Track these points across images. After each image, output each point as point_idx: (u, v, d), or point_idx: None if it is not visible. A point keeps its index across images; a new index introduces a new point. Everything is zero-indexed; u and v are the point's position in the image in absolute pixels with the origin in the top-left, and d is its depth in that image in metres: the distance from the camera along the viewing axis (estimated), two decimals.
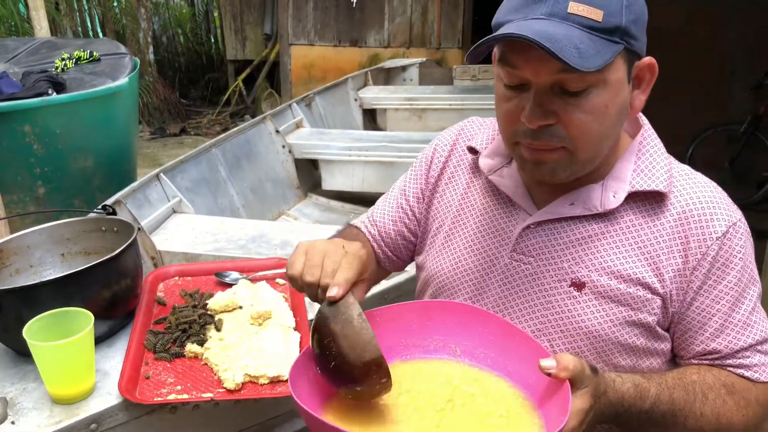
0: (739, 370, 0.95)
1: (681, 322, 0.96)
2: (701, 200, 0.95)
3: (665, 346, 0.98)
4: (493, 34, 0.85)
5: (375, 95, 4.65)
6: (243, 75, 8.01)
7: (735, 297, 0.94)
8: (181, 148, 6.45)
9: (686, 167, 1.02)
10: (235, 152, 3.32)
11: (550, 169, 0.91)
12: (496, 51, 0.91)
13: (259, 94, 7.77)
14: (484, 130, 1.12)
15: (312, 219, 3.50)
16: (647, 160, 0.97)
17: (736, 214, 0.96)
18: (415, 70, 5.41)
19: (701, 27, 5.33)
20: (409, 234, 1.18)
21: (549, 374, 0.80)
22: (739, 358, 0.95)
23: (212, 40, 9.63)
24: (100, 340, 1.19)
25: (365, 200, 3.60)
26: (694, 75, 5.29)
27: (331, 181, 3.58)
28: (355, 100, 4.64)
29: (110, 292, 1.18)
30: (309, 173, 3.78)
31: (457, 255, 1.07)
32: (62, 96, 2.79)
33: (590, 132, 0.87)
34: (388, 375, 0.81)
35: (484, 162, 1.06)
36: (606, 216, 0.96)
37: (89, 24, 7.77)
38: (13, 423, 1.00)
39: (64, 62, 3.18)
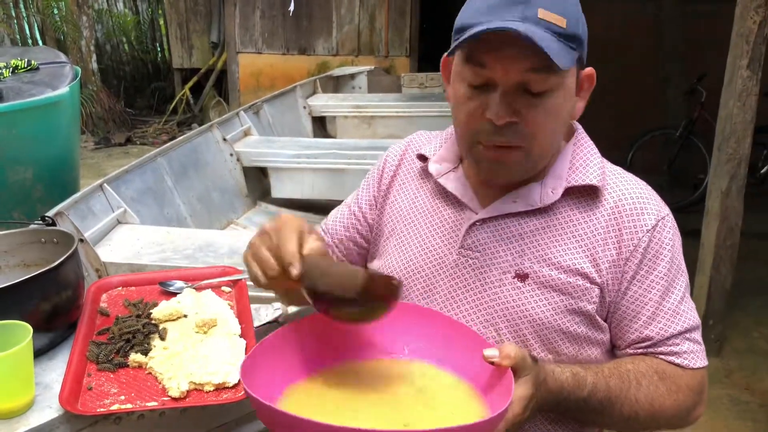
0: (669, 357, 1.01)
1: (617, 311, 1.02)
2: (632, 195, 1.02)
3: (604, 336, 1.04)
4: (473, 32, 0.88)
5: (324, 103, 4.67)
6: (190, 83, 7.91)
7: (665, 286, 1.01)
8: (126, 158, 6.32)
9: (618, 167, 1.09)
10: (181, 161, 3.28)
11: (508, 169, 0.98)
12: (453, 57, 0.98)
13: (207, 102, 7.69)
14: (432, 141, 1.19)
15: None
16: (581, 159, 1.04)
17: (664, 209, 1.03)
18: (364, 78, 5.46)
19: (637, 37, 5.55)
20: (361, 240, 1.22)
21: (492, 363, 0.85)
22: (670, 346, 1.01)
23: (158, 49, 9.48)
24: (41, 352, 1.17)
25: (315, 207, 3.60)
26: (631, 82, 5.49)
27: (281, 188, 3.57)
28: (304, 107, 4.64)
29: (50, 304, 1.16)
30: (258, 181, 3.76)
31: (408, 255, 1.12)
32: None
33: (546, 131, 0.95)
34: (387, 278, 0.86)
35: (434, 167, 1.12)
36: (546, 211, 1.02)
37: (28, 32, 7.54)
38: None
39: (0, 71, 3.09)
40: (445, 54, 1.02)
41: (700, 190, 5.03)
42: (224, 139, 3.59)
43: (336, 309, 0.89)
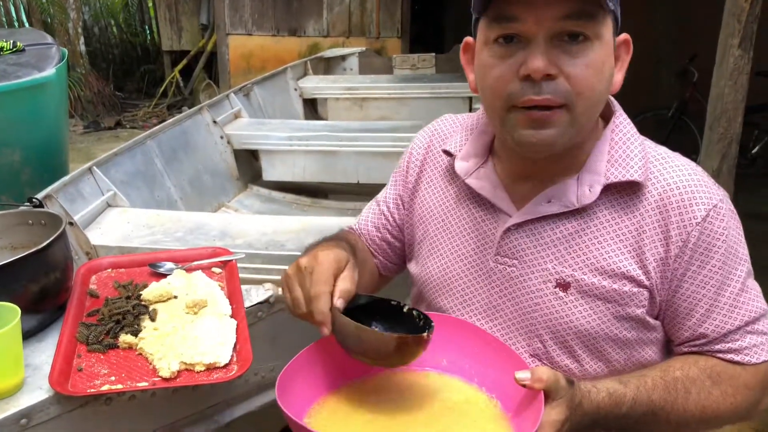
0: (728, 356, 0.95)
1: (669, 309, 0.96)
2: (679, 185, 0.93)
3: (657, 335, 0.99)
4: None
5: (315, 85, 4.63)
6: (179, 66, 7.85)
7: (720, 281, 0.93)
8: (116, 142, 6.26)
9: (662, 149, 1.00)
10: (171, 144, 3.25)
11: (551, 135, 0.88)
12: (475, 40, 0.93)
13: (197, 85, 7.63)
14: (456, 130, 1.11)
15: (253, 210, 3.47)
16: (621, 149, 0.95)
17: (716, 195, 0.94)
18: (355, 59, 5.41)
19: (629, 17, 5.52)
20: (393, 239, 1.19)
21: (524, 386, 0.81)
22: (728, 342, 0.94)
23: (147, 31, 9.37)
24: (30, 334, 1.17)
25: (306, 190, 3.58)
26: None
27: (272, 171, 3.54)
28: (295, 89, 4.60)
29: (38, 285, 1.15)
30: (249, 164, 3.73)
31: (443, 261, 1.07)
32: None
33: (591, 87, 0.86)
34: (419, 339, 0.85)
35: (460, 165, 1.04)
36: (584, 211, 0.95)
37: (14, 14, 7.44)
38: None
39: None
40: (467, 38, 0.96)
41: None
42: (214, 122, 3.56)
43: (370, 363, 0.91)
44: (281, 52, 6.69)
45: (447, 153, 1.09)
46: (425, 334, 0.85)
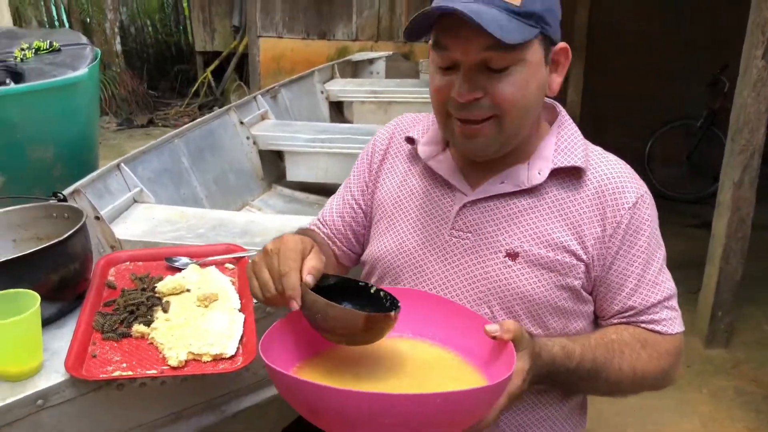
0: (650, 326, 1.08)
1: (602, 284, 1.08)
2: (613, 175, 1.07)
3: (589, 308, 1.10)
4: (423, 9, 0.93)
5: (341, 88, 4.68)
6: (211, 67, 7.99)
7: (645, 260, 1.06)
8: (147, 140, 6.38)
9: (598, 148, 1.14)
10: (198, 143, 3.33)
11: (481, 144, 1.02)
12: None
13: (228, 86, 7.76)
14: (419, 123, 1.22)
15: (276, 210, 3.53)
16: (565, 141, 1.09)
17: (642, 187, 1.08)
18: (382, 63, 5.45)
19: (658, 26, 5.48)
20: (358, 227, 1.26)
21: (494, 337, 0.90)
22: (650, 314, 1.07)
23: (181, 31, 9.56)
24: (50, 321, 1.23)
25: (329, 191, 3.60)
26: (652, 72, 5.43)
27: (296, 172, 3.60)
28: (322, 92, 4.67)
29: (58, 275, 1.22)
30: (274, 164, 3.80)
31: (399, 237, 1.16)
32: (20, 86, 2.78)
33: (515, 102, 0.97)
34: (386, 317, 0.88)
35: (422, 149, 1.15)
36: (533, 191, 1.07)
37: (55, 14, 7.66)
38: None
39: (23, 52, 3.16)
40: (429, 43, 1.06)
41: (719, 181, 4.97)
42: (241, 123, 3.63)
43: (336, 340, 0.93)
44: (311, 54, 6.77)
45: (409, 140, 1.19)
46: (392, 313, 0.89)
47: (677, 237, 3.73)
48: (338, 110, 4.82)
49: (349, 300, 0.94)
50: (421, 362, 0.97)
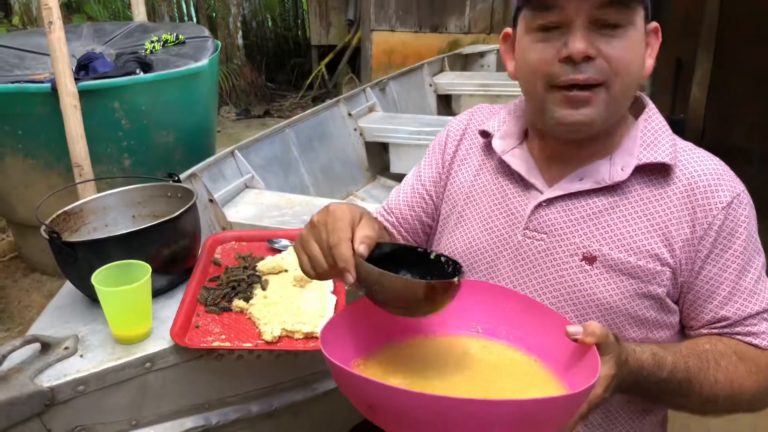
0: (747, 338, 0.97)
1: (690, 291, 0.98)
2: (705, 172, 0.97)
3: (674, 318, 1.00)
4: None
5: (450, 81, 4.68)
6: (326, 60, 8.19)
7: (741, 265, 0.96)
8: (262, 129, 6.69)
9: (689, 143, 1.03)
10: (307, 133, 3.45)
11: (589, 114, 0.91)
12: (515, 30, 0.98)
13: (341, 78, 7.93)
14: (493, 116, 1.15)
15: (379, 200, 3.59)
16: (652, 135, 1.00)
17: (739, 185, 0.98)
18: (493, 56, 5.39)
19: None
20: (427, 218, 1.20)
21: (575, 340, 0.81)
22: (747, 326, 0.97)
23: (299, 26, 9.88)
24: (160, 292, 1.33)
25: None
26: None
27: (399, 164, 3.65)
28: (430, 85, 4.68)
29: (169, 250, 1.31)
30: (379, 156, 3.86)
31: (470, 234, 1.09)
32: (148, 75, 3.00)
33: (628, 67, 0.90)
34: (448, 284, 0.79)
35: (498, 143, 1.08)
36: (615, 189, 0.98)
37: (185, 9, 8.17)
38: (81, 356, 1.14)
39: (153, 44, 3.41)
40: (507, 28, 1.01)
41: None
42: (349, 114, 3.72)
43: (397, 312, 0.84)
44: (422, 48, 6.79)
45: (484, 133, 1.12)
46: (455, 279, 0.79)
47: None
48: (446, 103, 4.81)
49: (408, 268, 0.86)
50: (490, 365, 0.89)
